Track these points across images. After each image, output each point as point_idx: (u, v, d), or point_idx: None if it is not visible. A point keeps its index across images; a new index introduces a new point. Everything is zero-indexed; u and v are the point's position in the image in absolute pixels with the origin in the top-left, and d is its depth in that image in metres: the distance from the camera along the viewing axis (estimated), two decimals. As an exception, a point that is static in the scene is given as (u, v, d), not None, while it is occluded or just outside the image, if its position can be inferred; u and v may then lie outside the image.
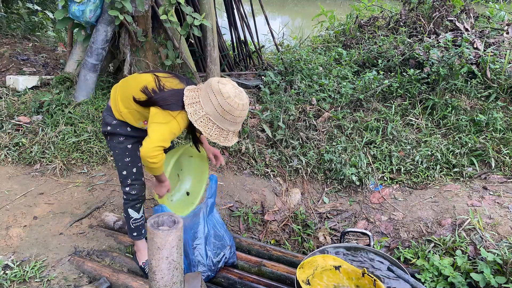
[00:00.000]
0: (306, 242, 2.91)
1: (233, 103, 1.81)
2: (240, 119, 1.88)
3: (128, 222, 2.25)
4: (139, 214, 2.25)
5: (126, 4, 3.36)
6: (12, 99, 3.93)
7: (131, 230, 2.28)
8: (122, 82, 2.06)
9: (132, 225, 2.25)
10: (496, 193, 2.91)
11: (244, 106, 1.86)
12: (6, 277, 2.14)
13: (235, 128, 1.92)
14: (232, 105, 1.81)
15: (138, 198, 2.21)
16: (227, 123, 1.87)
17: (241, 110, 1.85)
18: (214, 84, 1.82)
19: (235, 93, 1.83)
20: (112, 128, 2.06)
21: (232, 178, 3.36)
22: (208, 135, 1.87)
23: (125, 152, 2.11)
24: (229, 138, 1.91)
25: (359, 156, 3.42)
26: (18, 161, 3.21)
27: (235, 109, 1.82)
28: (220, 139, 1.88)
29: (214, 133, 1.87)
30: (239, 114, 1.86)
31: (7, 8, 6.44)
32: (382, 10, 6.42)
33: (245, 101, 1.87)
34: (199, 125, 1.85)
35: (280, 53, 5.16)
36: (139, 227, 2.27)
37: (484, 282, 2.10)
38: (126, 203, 2.21)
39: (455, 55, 4.01)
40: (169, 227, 1.67)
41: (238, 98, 1.83)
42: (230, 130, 1.90)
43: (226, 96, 1.80)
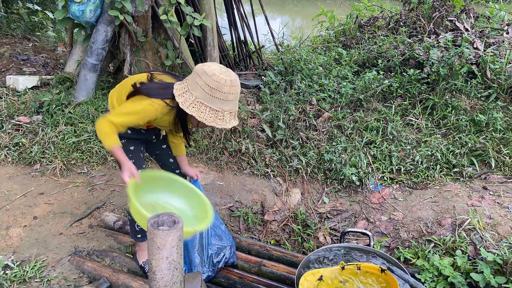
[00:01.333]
0: (306, 242, 2.91)
1: (219, 79, 1.77)
2: (231, 96, 1.82)
3: (133, 225, 2.23)
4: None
5: (126, 4, 3.36)
6: (12, 99, 3.93)
7: (135, 232, 2.26)
8: (118, 87, 2.08)
9: (137, 228, 2.24)
10: (496, 193, 2.91)
11: (232, 82, 1.79)
12: (6, 277, 2.14)
13: (230, 108, 1.84)
14: (219, 81, 1.76)
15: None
16: (219, 102, 1.80)
17: (229, 85, 1.79)
18: (198, 68, 1.81)
19: (220, 70, 1.79)
20: None
21: (232, 178, 3.36)
22: (203, 119, 1.81)
23: (128, 154, 2.08)
24: (226, 120, 1.84)
25: (359, 156, 3.42)
26: (18, 161, 3.21)
27: (223, 85, 1.77)
28: (217, 122, 1.82)
29: (209, 116, 1.82)
30: (229, 90, 1.79)
31: (7, 8, 6.44)
32: (382, 10, 6.42)
33: (232, 77, 1.80)
34: (192, 111, 1.81)
35: (280, 53, 5.16)
36: (143, 230, 2.24)
37: (484, 282, 2.10)
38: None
39: (455, 55, 4.01)
40: (169, 227, 1.67)
41: (224, 74, 1.78)
42: (225, 110, 1.83)
43: (211, 74, 1.77)
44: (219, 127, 1.83)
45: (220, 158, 3.47)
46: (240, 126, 3.67)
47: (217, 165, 3.43)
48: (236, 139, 3.59)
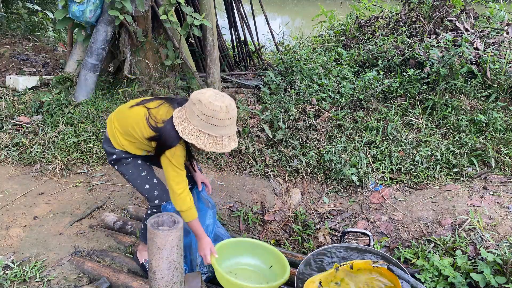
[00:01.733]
0: (306, 242, 2.91)
1: (213, 106, 1.78)
2: (228, 121, 1.84)
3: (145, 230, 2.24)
4: None
5: (126, 4, 3.36)
6: (12, 99, 3.93)
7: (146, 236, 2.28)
8: (116, 115, 2.11)
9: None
10: (496, 193, 2.91)
11: (228, 108, 1.81)
12: (6, 277, 2.14)
13: (228, 132, 1.87)
14: (214, 109, 1.78)
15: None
16: (216, 128, 1.83)
17: (225, 112, 1.80)
18: (193, 96, 1.83)
19: (215, 97, 1.80)
20: (117, 155, 2.11)
21: (232, 178, 3.36)
22: (202, 146, 1.84)
23: (138, 168, 2.14)
24: (225, 144, 1.87)
25: (359, 156, 3.42)
26: (18, 161, 3.21)
27: (218, 112, 1.78)
28: (216, 147, 1.85)
29: (208, 142, 1.85)
30: (224, 116, 1.81)
31: (7, 8, 6.44)
32: (382, 10, 6.42)
33: (227, 102, 1.82)
34: (191, 139, 1.84)
35: (280, 53, 5.16)
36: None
37: (484, 282, 2.10)
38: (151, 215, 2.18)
39: (455, 55, 4.01)
40: (169, 227, 1.68)
41: (219, 101, 1.80)
42: (223, 135, 1.86)
43: (206, 102, 1.78)
44: (219, 152, 1.87)
45: (220, 158, 3.47)
46: (240, 126, 3.67)
47: (217, 165, 3.43)
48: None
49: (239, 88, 4.74)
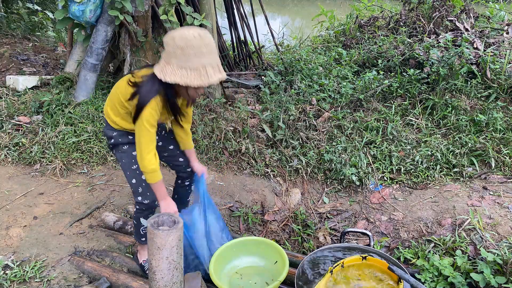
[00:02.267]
0: (306, 242, 2.91)
1: (185, 35, 1.74)
2: (204, 48, 1.76)
3: (138, 228, 2.25)
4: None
5: (126, 4, 3.36)
6: (12, 99, 3.93)
7: (139, 235, 2.27)
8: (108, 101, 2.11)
9: (142, 232, 2.25)
10: (496, 193, 2.91)
11: (200, 35, 1.75)
12: (6, 277, 2.14)
13: (209, 60, 1.79)
14: (186, 37, 1.73)
15: (151, 207, 2.17)
16: (195, 59, 1.76)
17: (199, 39, 1.75)
18: (165, 38, 1.80)
19: (186, 30, 1.76)
20: (115, 140, 2.10)
21: (232, 178, 3.36)
22: (187, 81, 1.78)
23: (131, 159, 2.11)
24: (210, 74, 1.79)
25: (359, 156, 3.42)
26: (18, 161, 3.21)
27: (191, 40, 1.73)
28: (202, 79, 1.78)
29: (192, 77, 1.78)
30: (199, 43, 1.74)
31: (7, 8, 6.44)
32: (382, 10, 6.42)
33: (199, 31, 1.76)
34: (174, 79, 1.78)
35: (280, 53, 5.16)
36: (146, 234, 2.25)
37: (484, 282, 2.10)
38: (138, 213, 2.18)
39: (455, 55, 4.01)
40: (169, 227, 1.68)
41: (188, 31, 1.75)
42: (205, 64, 1.79)
43: (177, 35, 1.75)
44: (205, 84, 1.80)
45: (220, 158, 3.47)
46: (240, 126, 3.67)
47: (217, 165, 3.43)
48: (236, 139, 3.59)
49: (239, 88, 4.74)
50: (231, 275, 2.31)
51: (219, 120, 3.70)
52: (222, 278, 2.22)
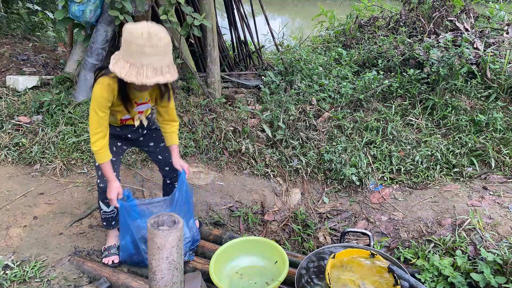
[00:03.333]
0: (306, 242, 2.91)
1: (133, 31, 1.71)
2: (148, 49, 1.71)
3: (100, 213, 2.37)
4: (109, 208, 2.32)
5: (126, 4, 3.36)
6: (12, 99, 3.93)
7: (101, 219, 2.40)
8: None
9: (102, 216, 2.36)
10: (496, 193, 2.91)
11: (150, 34, 1.70)
12: (6, 277, 2.14)
13: (151, 62, 1.74)
14: (133, 33, 1.71)
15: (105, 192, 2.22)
16: (136, 56, 1.73)
17: (145, 38, 1.69)
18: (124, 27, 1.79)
19: (141, 25, 1.73)
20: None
21: (232, 178, 3.36)
22: (123, 74, 1.76)
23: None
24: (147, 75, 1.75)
25: (359, 156, 3.42)
26: (18, 161, 3.21)
27: (137, 37, 1.69)
28: (137, 77, 1.75)
29: (130, 72, 1.76)
30: (144, 42, 1.70)
31: (7, 8, 6.44)
32: (382, 10, 6.42)
33: (152, 30, 1.71)
34: (114, 68, 1.78)
35: (280, 53, 5.16)
36: (108, 219, 2.37)
37: (484, 282, 2.10)
38: (99, 195, 2.29)
39: (455, 55, 4.01)
40: (169, 227, 1.68)
41: (144, 27, 1.71)
42: (145, 64, 1.75)
43: (128, 27, 1.74)
44: (139, 83, 1.76)
45: (220, 158, 3.47)
46: (240, 126, 3.67)
47: (217, 165, 3.43)
48: (236, 139, 3.59)
49: (239, 88, 4.74)
50: (231, 275, 2.31)
51: (219, 120, 3.70)
52: (222, 278, 2.22)
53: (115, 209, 2.36)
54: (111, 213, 2.36)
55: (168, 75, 1.82)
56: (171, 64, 1.84)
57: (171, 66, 1.83)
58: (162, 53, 1.77)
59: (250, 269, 2.36)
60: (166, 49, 1.78)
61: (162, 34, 1.76)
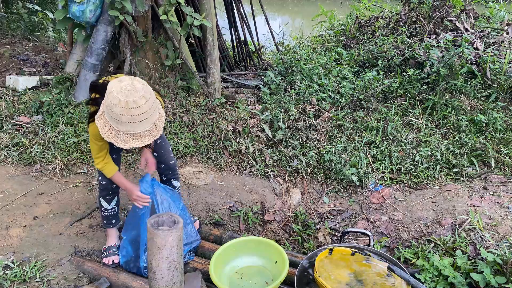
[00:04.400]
0: (306, 242, 2.91)
1: (112, 98, 1.67)
2: (124, 117, 1.70)
3: (100, 211, 2.40)
4: (110, 205, 2.36)
5: (126, 4, 3.36)
6: (12, 99, 3.93)
7: (102, 218, 2.42)
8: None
9: (103, 213, 2.39)
10: (496, 193, 2.91)
11: (128, 104, 1.66)
12: (6, 277, 2.14)
13: (128, 129, 1.74)
14: (111, 101, 1.68)
15: (107, 189, 2.29)
16: (114, 121, 1.74)
17: (123, 107, 1.67)
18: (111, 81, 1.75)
19: (120, 89, 1.68)
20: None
21: (232, 178, 3.36)
22: (103, 134, 1.79)
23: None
24: (125, 140, 1.77)
25: (359, 156, 3.42)
26: (18, 161, 3.21)
27: (115, 105, 1.67)
28: (117, 140, 1.78)
29: (110, 132, 1.78)
30: (120, 111, 1.68)
31: (7, 8, 6.44)
32: (382, 10, 6.42)
33: (130, 98, 1.67)
34: (98, 122, 1.81)
35: (280, 53, 5.16)
36: (109, 216, 2.40)
37: (484, 282, 2.10)
38: (99, 192, 2.33)
39: (455, 55, 4.01)
40: (169, 227, 1.68)
41: (122, 94, 1.67)
42: (121, 131, 1.76)
43: (109, 91, 1.70)
44: (116, 145, 1.80)
45: (220, 158, 3.47)
46: (240, 126, 3.67)
47: (217, 165, 3.43)
48: (236, 139, 3.59)
49: (239, 88, 4.74)
50: (231, 275, 2.31)
51: (219, 120, 3.70)
52: (222, 278, 2.22)
53: (116, 207, 2.39)
54: (111, 210, 2.37)
55: (147, 138, 1.81)
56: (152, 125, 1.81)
57: (152, 128, 1.81)
58: (141, 120, 1.74)
59: (250, 269, 2.36)
60: (145, 116, 1.74)
61: (142, 101, 1.70)
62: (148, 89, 1.75)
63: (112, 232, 2.46)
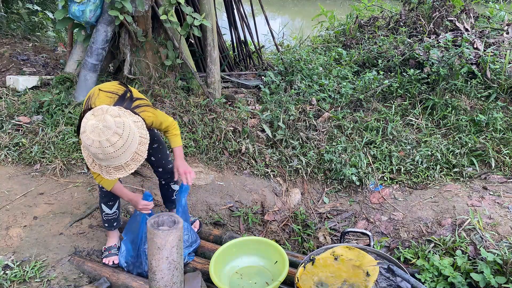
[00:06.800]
0: (306, 242, 2.91)
1: (86, 139, 1.66)
2: (101, 155, 1.68)
3: (101, 215, 2.38)
4: (112, 210, 2.35)
5: (126, 4, 3.36)
6: (12, 99, 3.93)
7: (103, 221, 2.41)
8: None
9: (104, 218, 2.38)
10: (496, 193, 2.91)
11: (101, 143, 1.65)
12: (6, 277, 2.14)
13: (109, 164, 1.74)
14: (85, 141, 1.67)
15: (108, 195, 2.28)
16: (94, 157, 1.75)
17: (97, 147, 1.65)
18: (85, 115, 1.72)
19: (92, 127, 1.65)
20: None
21: (232, 178, 3.36)
22: (90, 166, 1.82)
23: None
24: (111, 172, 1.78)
25: (359, 156, 3.42)
26: (18, 161, 3.21)
27: (89, 145, 1.66)
28: (102, 173, 1.80)
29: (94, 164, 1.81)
30: (96, 151, 1.67)
31: (7, 8, 6.44)
32: (382, 10, 6.42)
33: (104, 137, 1.64)
34: (84, 154, 1.83)
35: (280, 53, 5.16)
36: (110, 220, 2.39)
37: (484, 282, 2.10)
38: (100, 198, 2.31)
39: (455, 55, 4.01)
40: (169, 227, 1.68)
41: (95, 134, 1.65)
42: (103, 165, 1.77)
43: (82, 130, 1.68)
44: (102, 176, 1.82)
45: (220, 158, 3.47)
46: (240, 126, 3.67)
47: (217, 165, 3.43)
48: (236, 139, 3.59)
49: (239, 88, 4.74)
50: (231, 275, 2.31)
51: (219, 120, 3.70)
52: (222, 278, 2.22)
53: (117, 211, 2.38)
54: (113, 215, 2.37)
55: (132, 165, 1.80)
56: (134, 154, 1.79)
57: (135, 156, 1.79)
58: (118, 155, 1.72)
59: (250, 269, 2.36)
60: (121, 151, 1.71)
61: (115, 138, 1.67)
62: (120, 122, 1.69)
63: (112, 233, 2.46)
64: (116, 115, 1.70)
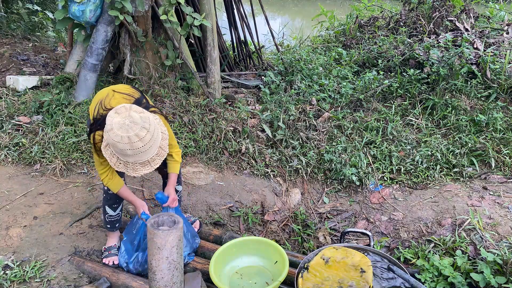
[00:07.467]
0: (306, 242, 2.91)
1: (114, 136, 1.70)
2: (130, 151, 1.72)
3: (104, 216, 2.37)
4: (115, 212, 2.35)
5: (126, 4, 3.36)
6: (12, 99, 3.93)
7: (105, 222, 2.40)
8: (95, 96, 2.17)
9: (107, 219, 2.37)
10: (496, 193, 2.91)
11: (131, 139, 1.69)
12: (6, 277, 2.14)
13: (136, 159, 1.78)
14: (113, 139, 1.70)
15: (114, 198, 2.28)
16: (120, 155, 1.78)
17: (126, 143, 1.70)
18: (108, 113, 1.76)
19: (120, 124, 1.70)
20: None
21: (232, 178, 3.36)
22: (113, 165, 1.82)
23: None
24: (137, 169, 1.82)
25: (359, 156, 3.42)
26: (18, 161, 3.21)
27: (117, 142, 1.70)
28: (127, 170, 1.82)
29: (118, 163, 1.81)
30: (124, 147, 1.71)
31: (7, 8, 6.44)
32: (382, 10, 6.42)
33: (132, 132, 1.69)
34: (105, 153, 1.83)
35: (280, 53, 5.16)
36: (113, 221, 2.40)
37: (484, 282, 2.10)
38: (105, 200, 2.31)
39: (455, 55, 4.01)
40: (169, 227, 1.68)
41: (123, 130, 1.69)
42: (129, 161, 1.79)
43: (109, 128, 1.71)
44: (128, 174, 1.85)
45: (220, 158, 3.47)
46: (240, 126, 3.67)
47: (217, 165, 3.43)
48: (236, 139, 3.59)
49: (239, 88, 4.74)
50: (231, 275, 2.31)
51: (219, 120, 3.70)
52: (222, 278, 2.22)
53: (120, 213, 2.38)
54: (116, 216, 2.37)
55: (156, 161, 1.85)
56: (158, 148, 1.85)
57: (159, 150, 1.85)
58: (146, 150, 1.77)
59: (250, 269, 2.36)
60: (149, 144, 1.77)
61: (143, 133, 1.72)
62: (146, 117, 1.76)
63: (113, 233, 2.46)
64: (140, 111, 1.77)
